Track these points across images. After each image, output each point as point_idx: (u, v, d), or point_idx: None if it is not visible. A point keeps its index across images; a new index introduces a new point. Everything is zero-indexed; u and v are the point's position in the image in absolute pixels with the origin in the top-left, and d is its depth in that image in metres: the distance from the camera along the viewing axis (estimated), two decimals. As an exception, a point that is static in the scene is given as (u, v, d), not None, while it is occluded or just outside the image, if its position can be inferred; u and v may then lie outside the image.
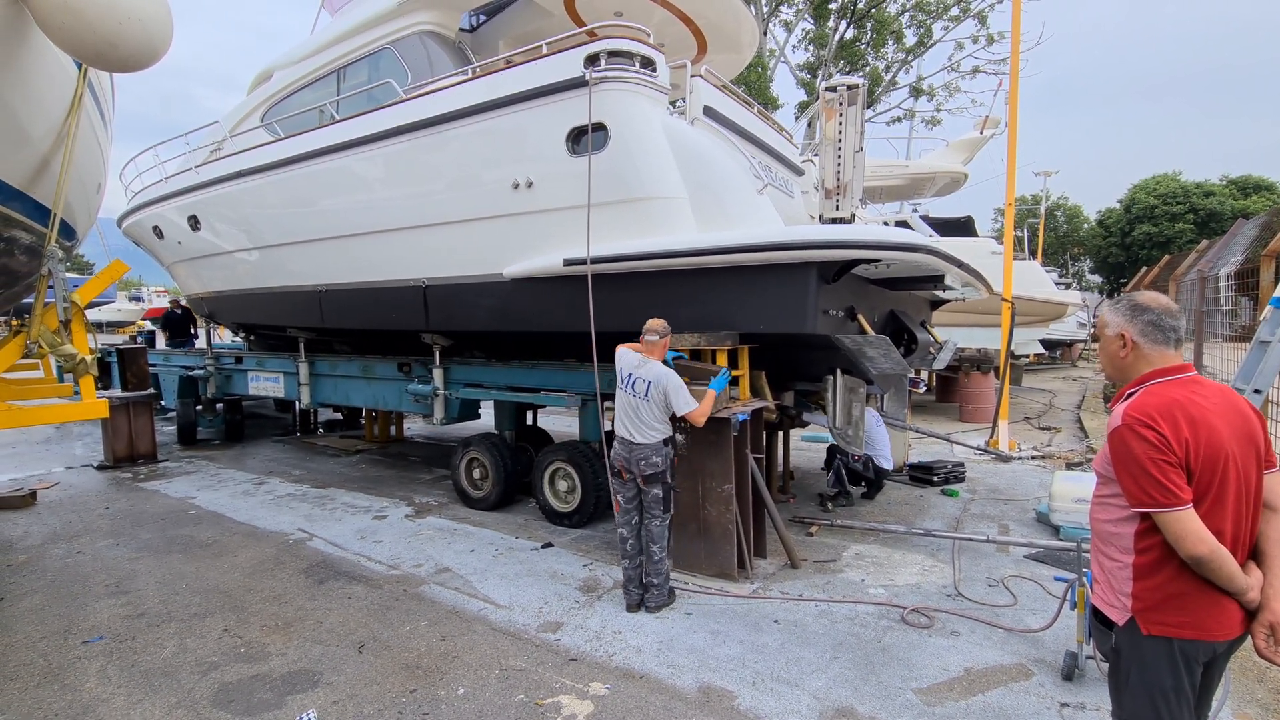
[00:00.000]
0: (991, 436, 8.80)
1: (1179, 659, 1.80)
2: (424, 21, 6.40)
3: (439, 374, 6.78)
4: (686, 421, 4.30)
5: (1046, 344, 20.01)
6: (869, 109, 21.46)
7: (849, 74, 21.14)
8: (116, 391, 9.19)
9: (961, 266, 5.18)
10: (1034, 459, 8.47)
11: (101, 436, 8.97)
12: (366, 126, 6.05)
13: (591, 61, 4.74)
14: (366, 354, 8.25)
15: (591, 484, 5.67)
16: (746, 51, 7.29)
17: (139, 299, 43.21)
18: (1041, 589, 4.45)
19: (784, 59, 22.54)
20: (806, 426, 6.72)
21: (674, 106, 5.45)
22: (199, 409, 10.37)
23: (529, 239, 5.33)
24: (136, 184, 9.77)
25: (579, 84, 4.77)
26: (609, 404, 5.01)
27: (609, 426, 5.31)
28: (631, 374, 4.17)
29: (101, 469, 8.46)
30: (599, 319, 4.81)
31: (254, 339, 10.76)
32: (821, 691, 3.27)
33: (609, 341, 4.86)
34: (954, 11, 21.63)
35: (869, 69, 21.96)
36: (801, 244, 4.36)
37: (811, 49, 22.50)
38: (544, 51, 5.04)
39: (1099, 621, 2.02)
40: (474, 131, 5.40)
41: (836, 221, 5.26)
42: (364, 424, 10.89)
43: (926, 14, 21.91)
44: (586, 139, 4.82)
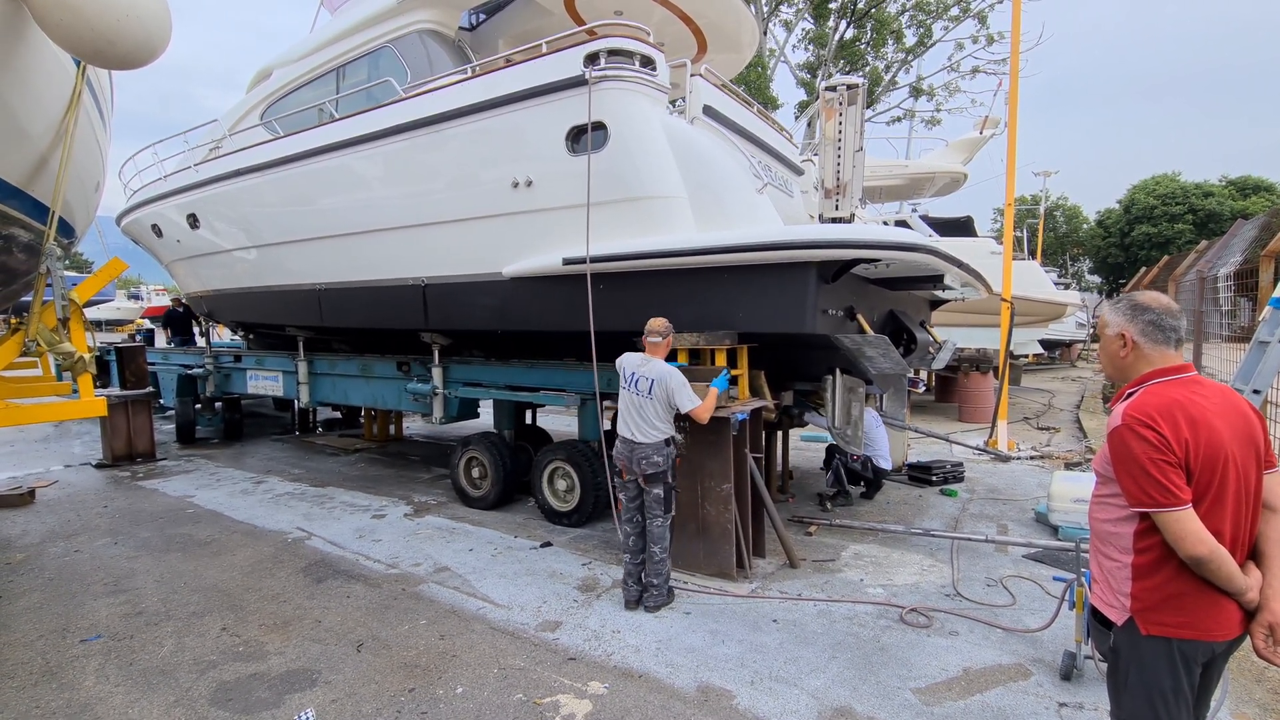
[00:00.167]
0: (990, 436, 8.80)
1: (1178, 659, 1.80)
2: (423, 20, 6.39)
3: (438, 373, 6.77)
4: (687, 421, 4.30)
5: (1045, 344, 20.02)
6: (869, 109, 21.46)
7: (849, 74, 21.14)
8: (115, 390, 9.17)
9: (961, 266, 5.17)
10: (1033, 459, 8.47)
11: (100, 435, 8.96)
12: (366, 125, 6.04)
13: (591, 60, 4.74)
14: (365, 353, 8.24)
15: (590, 483, 5.67)
16: (746, 51, 7.28)
17: (138, 297, 43.14)
18: (1040, 589, 4.45)
19: (784, 58, 22.54)
20: (805, 426, 6.72)
21: (674, 106, 5.44)
22: (198, 407, 10.36)
23: (528, 238, 5.32)
24: (135, 182, 9.76)
25: (579, 83, 4.77)
26: (608, 403, 5.01)
27: (608, 426, 5.32)
28: (635, 373, 4.18)
29: (100, 467, 8.45)
30: (598, 318, 4.80)
31: (253, 338, 10.75)
32: (820, 691, 3.27)
33: (608, 341, 4.86)
34: (954, 11, 21.64)
35: (869, 69, 21.95)
36: (801, 243, 4.35)
37: (811, 49, 22.49)
38: (544, 50, 5.04)
39: (1098, 621, 2.02)
40: (473, 130, 5.39)
41: (836, 221, 5.26)
42: (363, 423, 10.89)
43: (926, 14, 21.91)
44: (586, 138, 4.82)
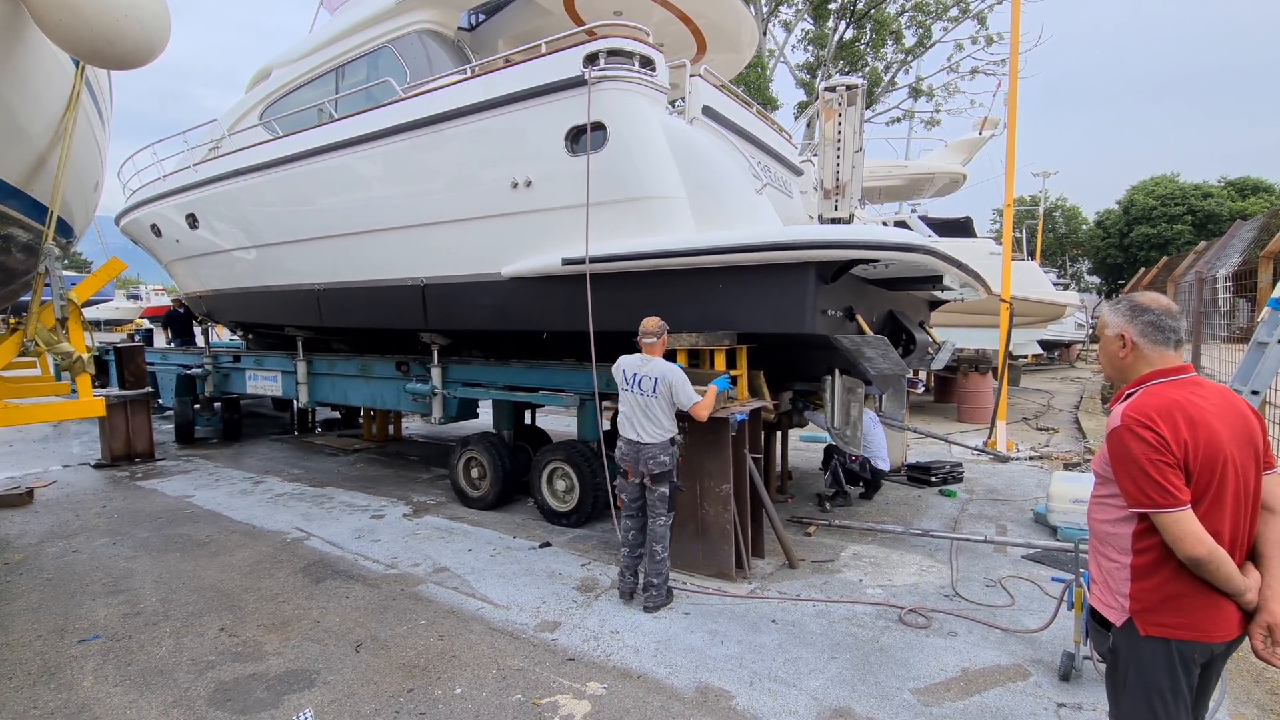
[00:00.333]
0: (989, 437, 8.81)
1: (1176, 660, 1.80)
2: (423, 20, 6.39)
3: (437, 373, 6.77)
4: (687, 421, 4.30)
5: (1044, 345, 20.05)
6: (868, 109, 21.45)
7: (848, 74, 21.15)
8: (114, 390, 9.16)
9: (960, 267, 5.18)
10: (1032, 459, 8.47)
11: (99, 435, 8.95)
12: (365, 125, 6.04)
13: (590, 60, 4.74)
14: (365, 353, 8.24)
15: (590, 483, 5.67)
16: (746, 51, 7.28)
17: (137, 297, 43.11)
18: (1039, 589, 4.45)
19: (783, 59, 22.55)
20: (805, 426, 6.73)
21: (673, 106, 5.44)
22: (197, 407, 10.35)
23: (527, 238, 5.32)
24: (135, 182, 9.76)
25: (578, 83, 4.77)
26: (607, 403, 5.01)
27: (607, 426, 5.32)
28: (636, 374, 4.19)
29: (99, 467, 8.44)
30: (597, 318, 4.80)
31: (252, 338, 10.75)
32: (819, 691, 3.27)
33: (607, 341, 4.86)
34: (953, 12, 21.65)
35: (868, 69, 21.96)
36: (800, 244, 4.36)
37: (811, 49, 22.50)
38: (543, 50, 5.04)
39: (1096, 622, 2.02)
40: (473, 130, 5.39)
41: (835, 222, 5.26)
42: (362, 423, 10.88)
43: (926, 14, 21.93)
44: (585, 138, 4.82)
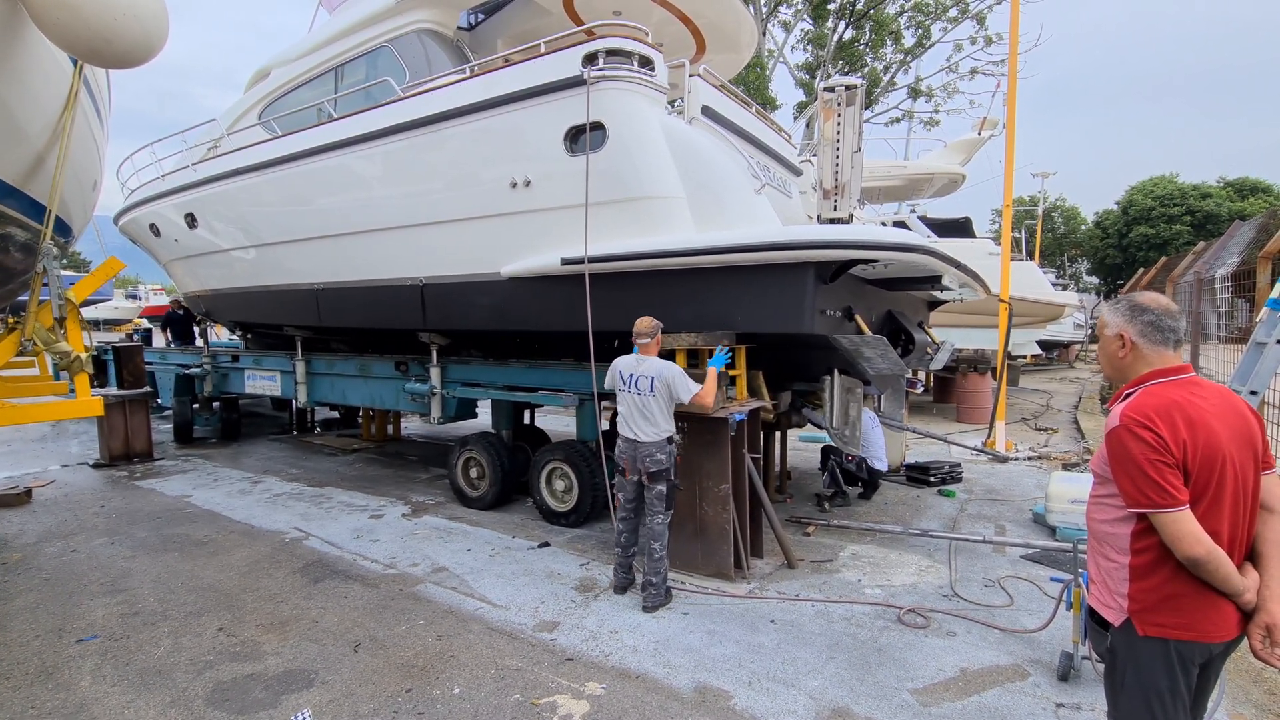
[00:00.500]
0: (988, 437, 8.81)
1: (1175, 660, 1.80)
2: (422, 20, 6.39)
3: (436, 373, 6.76)
4: (685, 421, 4.30)
5: (1043, 345, 20.07)
6: (867, 110, 21.48)
7: (847, 74, 21.14)
8: (112, 389, 9.15)
9: (959, 267, 5.18)
10: (1031, 460, 8.48)
11: (97, 434, 8.94)
12: (364, 125, 6.03)
13: (590, 60, 4.73)
14: (364, 352, 8.23)
15: (589, 483, 5.67)
16: (745, 51, 7.28)
17: (136, 297, 43.07)
18: (1038, 589, 4.45)
19: (783, 59, 22.55)
20: (804, 426, 6.72)
21: (672, 106, 5.44)
22: (195, 407, 10.34)
23: (526, 238, 5.32)
24: (134, 181, 9.74)
25: (577, 83, 4.76)
26: (606, 403, 5.01)
27: (606, 426, 5.32)
28: (632, 374, 4.21)
29: (97, 467, 8.44)
30: (596, 318, 4.80)
31: (251, 337, 10.74)
32: (817, 691, 3.27)
33: (606, 341, 4.86)
34: (952, 13, 21.66)
35: (867, 69, 21.97)
36: (799, 244, 4.35)
37: (810, 49, 22.50)
38: (542, 50, 5.03)
39: (1095, 622, 2.02)
40: (472, 130, 5.39)
41: (834, 222, 5.25)
42: (361, 423, 10.87)
43: (925, 15, 21.94)
44: (584, 138, 4.81)
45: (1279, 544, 1.81)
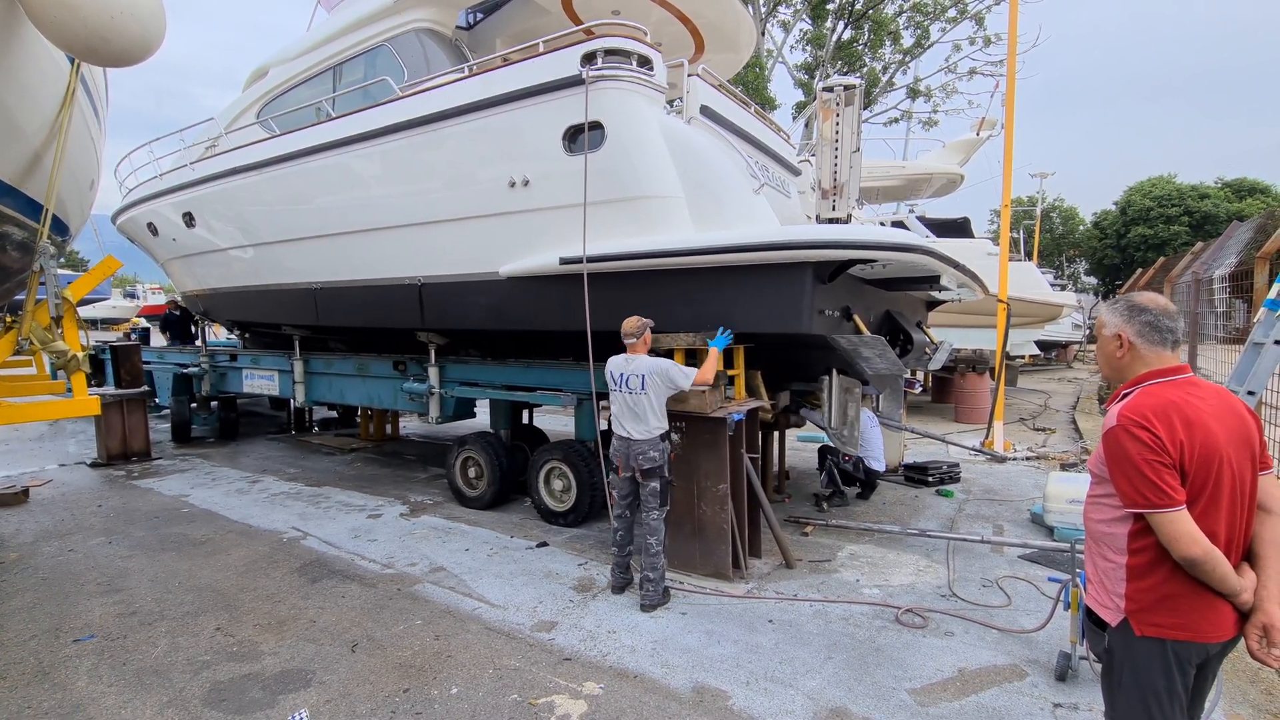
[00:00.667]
0: (987, 437, 8.82)
1: (1172, 660, 1.80)
2: (421, 19, 6.37)
3: (434, 372, 6.76)
4: (683, 421, 4.30)
5: (1042, 345, 20.08)
6: (866, 110, 21.48)
7: (846, 74, 21.15)
8: (110, 389, 9.13)
9: (957, 267, 5.18)
10: (1029, 460, 8.49)
11: (95, 434, 8.92)
12: (362, 124, 6.02)
13: (588, 60, 4.73)
14: (362, 352, 8.22)
15: (587, 483, 5.66)
16: (744, 51, 7.27)
17: (134, 296, 43.04)
18: (1035, 590, 4.45)
19: (781, 59, 22.54)
20: (802, 426, 6.72)
21: (671, 106, 5.43)
22: (193, 406, 10.32)
23: (525, 237, 5.31)
24: (131, 180, 9.72)
25: (576, 82, 4.76)
26: (604, 403, 5.00)
27: (605, 425, 5.31)
28: (622, 373, 4.24)
29: (95, 466, 8.42)
30: (595, 318, 4.79)
31: (249, 336, 10.72)
32: (815, 691, 3.27)
33: (605, 340, 4.85)
34: (951, 13, 21.68)
35: (866, 70, 21.98)
36: (797, 244, 4.35)
37: (809, 49, 22.50)
38: (541, 50, 5.02)
39: (1092, 622, 2.02)
40: (470, 129, 5.38)
41: (833, 222, 5.26)
42: (359, 422, 10.86)
43: (924, 15, 21.95)
44: (583, 137, 4.81)
45: (1276, 544, 1.81)
